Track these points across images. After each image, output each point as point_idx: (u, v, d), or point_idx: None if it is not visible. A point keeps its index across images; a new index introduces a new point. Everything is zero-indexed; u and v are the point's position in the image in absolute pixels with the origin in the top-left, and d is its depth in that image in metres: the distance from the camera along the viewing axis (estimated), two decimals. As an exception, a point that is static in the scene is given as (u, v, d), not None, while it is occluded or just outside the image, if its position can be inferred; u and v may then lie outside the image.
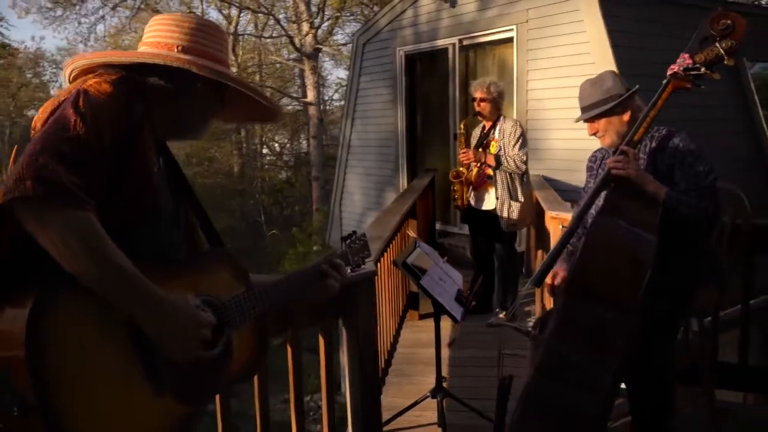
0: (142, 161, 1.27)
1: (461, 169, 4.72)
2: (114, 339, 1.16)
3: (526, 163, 4.47)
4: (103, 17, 19.18)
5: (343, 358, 2.34)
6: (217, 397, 1.91)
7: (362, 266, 1.82)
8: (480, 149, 4.59)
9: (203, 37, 1.42)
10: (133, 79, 1.30)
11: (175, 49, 1.37)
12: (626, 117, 2.41)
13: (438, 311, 2.85)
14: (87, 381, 1.10)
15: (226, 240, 1.47)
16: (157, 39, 1.40)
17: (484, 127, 4.69)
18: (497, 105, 4.56)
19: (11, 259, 1.15)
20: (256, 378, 2.00)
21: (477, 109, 4.60)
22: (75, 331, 1.11)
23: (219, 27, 1.53)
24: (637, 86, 2.48)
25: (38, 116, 1.26)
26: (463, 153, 4.61)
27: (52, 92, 24.13)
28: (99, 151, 1.17)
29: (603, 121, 2.43)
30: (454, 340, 2.72)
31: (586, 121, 2.48)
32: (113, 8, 18.42)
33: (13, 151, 1.26)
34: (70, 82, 1.37)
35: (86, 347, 1.11)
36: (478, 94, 4.53)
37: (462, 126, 4.92)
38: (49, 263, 1.09)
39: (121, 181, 1.22)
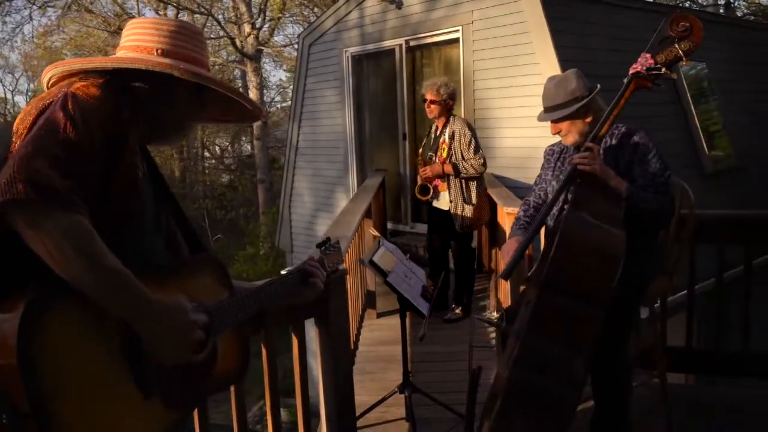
0: (129, 165, 1.27)
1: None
2: (105, 345, 1.15)
3: (485, 165, 4.49)
4: (30, 17, 18.40)
5: (316, 357, 2.35)
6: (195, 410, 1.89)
7: (336, 272, 1.87)
8: (434, 155, 4.64)
9: (183, 39, 1.41)
10: (119, 83, 1.30)
11: (155, 53, 1.36)
12: (588, 119, 2.51)
13: (404, 308, 2.90)
14: (80, 388, 1.10)
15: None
16: (136, 42, 1.39)
17: (436, 128, 4.74)
18: (447, 106, 4.60)
19: (0, 265, 1.12)
20: (232, 388, 1.99)
21: (427, 111, 4.64)
22: (67, 337, 1.09)
23: (198, 29, 1.54)
24: (599, 86, 2.58)
25: (21, 117, 1.25)
26: (422, 171, 4.62)
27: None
28: (90, 154, 1.17)
29: (566, 123, 2.52)
30: (424, 334, 2.77)
31: (550, 121, 2.57)
32: (41, 7, 17.69)
33: None
34: (47, 88, 1.35)
35: (78, 354, 1.10)
36: (428, 96, 4.55)
37: (420, 150, 4.88)
38: (39, 268, 1.08)
39: (108, 185, 1.22)
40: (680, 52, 2.27)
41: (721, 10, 15.22)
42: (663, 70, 2.30)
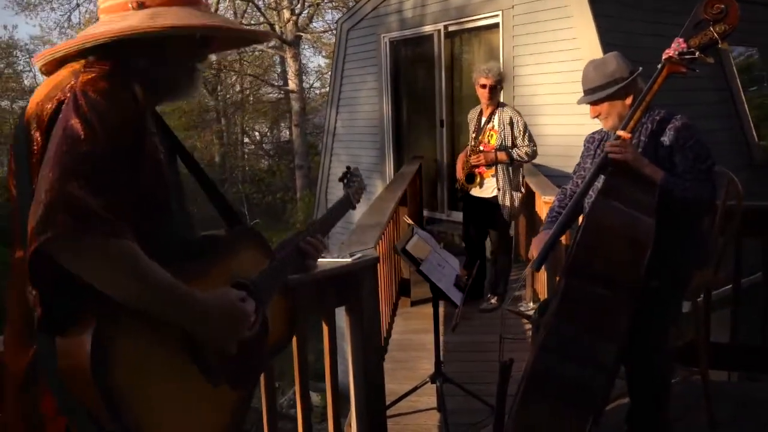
0: (151, 149, 1.23)
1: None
2: (169, 347, 1.17)
3: (536, 153, 4.45)
4: (78, 5, 18.81)
5: (347, 344, 2.34)
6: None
7: (357, 195, 1.88)
8: (478, 138, 4.56)
9: None
10: (123, 63, 1.21)
11: (130, 7, 1.22)
12: (628, 101, 2.43)
13: (437, 297, 2.87)
14: (155, 394, 1.12)
15: (210, 229, 1.45)
16: (109, 3, 1.25)
17: (481, 112, 4.65)
18: (499, 91, 4.52)
19: (58, 297, 1.09)
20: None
21: (481, 95, 4.50)
22: (135, 350, 1.10)
23: None
24: (640, 68, 2.49)
25: (37, 102, 1.19)
26: (476, 158, 4.50)
27: (25, 82, 23.64)
28: (117, 156, 1.12)
29: (605, 105, 2.44)
30: (457, 323, 2.74)
31: (588, 103, 2.49)
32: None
33: (10, 152, 1.22)
34: (44, 74, 1.29)
35: (149, 362, 1.12)
36: (483, 81, 4.43)
37: (473, 137, 4.69)
38: (94, 293, 1.07)
39: (136, 176, 1.17)
40: (715, 35, 2.18)
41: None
42: (697, 54, 2.21)
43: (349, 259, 2.19)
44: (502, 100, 4.66)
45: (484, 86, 4.44)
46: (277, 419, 2.11)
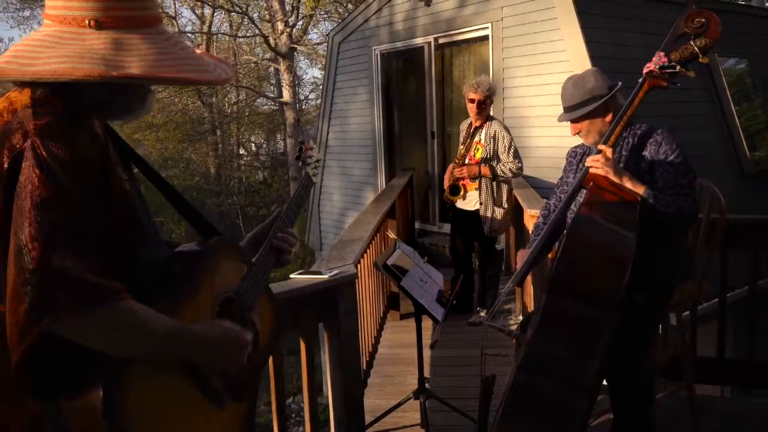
0: (117, 183, 1.19)
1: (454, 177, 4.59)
2: (173, 381, 1.18)
3: (521, 169, 4.44)
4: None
5: (326, 359, 2.31)
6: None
7: (315, 169, 1.81)
8: (465, 151, 4.55)
9: None
10: (76, 97, 1.11)
11: (87, 24, 1.10)
12: (608, 118, 2.42)
13: (419, 312, 2.84)
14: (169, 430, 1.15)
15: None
16: (62, 12, 1.12)
17: (469, 127, 4.65)
18: (488, 106, 4.52)
19: (62, 364, 1.07)
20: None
21: (470, 110, 4.50)
22: (144, 395, 1.11)
23: None
24: (620, 84, 2.48)
25: None
26: (459, 171, 4.48)
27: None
28: (88, 205, 1.07)
29: (585, 122, 2.44)
30: (437, 340, 2.71)
31: (568, 120, 2.49)
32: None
33: None
34: None
35: (157, 402, 1.13)
36: (472, 95, 4.43)
37: (461, 150, 4.68)
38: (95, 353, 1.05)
39: (109, 216, 1.14)
40: (696, 49, 2.18)
41: (767, 4, 14.68)
42: (678, 68, 2.21)
43: (326, 276, 2.17)
44: (491, 114, 4.65)
45: (472, 101, 4.44)
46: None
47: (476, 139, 4.53)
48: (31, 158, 1.03)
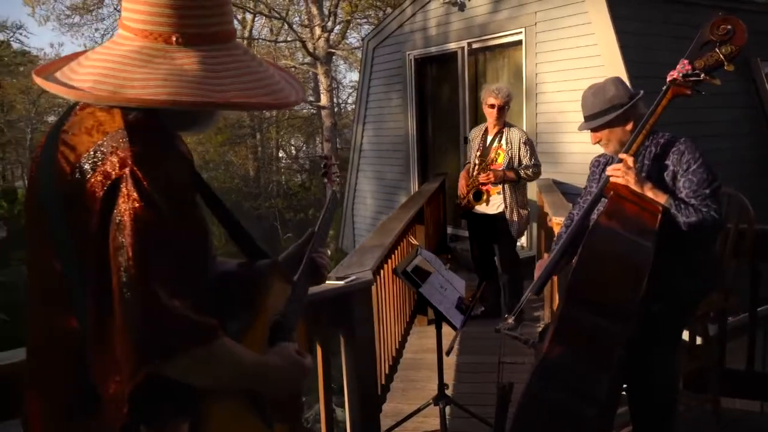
0: (199, 207, 1.16)
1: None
2: (241, 407, 1.19)
3: (540, 171, 4.53)
4: (116, 24, 19.38)
5: (343, 365, 2.35)
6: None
7: (334, 179, 1.82)
8: (484, 157, 4.56)
9: (199, 4, 1.08)
10: (165, 117, 1.09)
11: (174, 41, 1.07)
12: (629, 127, 2.40)
13: (439, 319, 2.85)
14: None
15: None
16: (146, 26, 1.07)
17: (486, 131, 4.65)
18: (506, 111, 4.54)
19: (156, 396, 1.07)
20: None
21: (490, 115, 4.53)
22: (222, 428, 1.14)
23: None
24: (641, 93, 2.45)
25: (67, 158, 1.04)
26: (485, 176, 4.48)
27: (71, 100, 24.40)
28: (186, 231, 1.06)
29: (605, 131, 2.42)
30: (451, 348, 2.72)
31: (588, 130, 2.47)
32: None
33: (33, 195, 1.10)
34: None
35: (234, 426, 1.17)
36: (492, 100, 4.46)
37: (478, 155, 4.68)
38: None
39: (195, 240, 1.11)
40: (721, 56, 2.14)
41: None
42: (702, 76, 2.18)
43: (342, 282, 2.20)
44: (511, 119, 4.67)
45: (492, 106, 4.47)
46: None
47: (496, 144, 4.54)
48: (132, 189, 0.98)
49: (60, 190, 1.04)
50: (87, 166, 1.02)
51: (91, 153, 1.02)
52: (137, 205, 0.97)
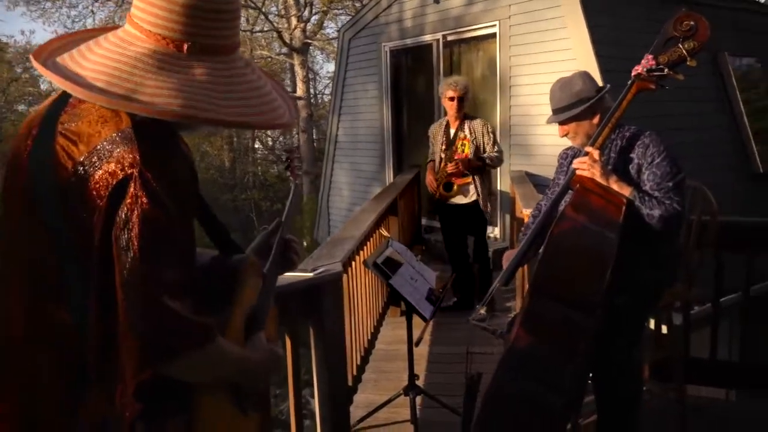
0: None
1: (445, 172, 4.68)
2: (222, 397, 1.22)
3: (502, 158, 4.67)
4: (92, 11, 19.01)
5: (312, 357, 2.36)
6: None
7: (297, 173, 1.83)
8: (448, 149, 4.61)
9: (214, 14, 1.08)
10: (169, 124, 1.08)
11: (185, 49, 1.06)
12: (595, 120, 2.44)
13: (410, 311, 2.87)
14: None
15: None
16: (156, 29, 1.06)
17: (447, 125, 4.71)
18: (465, 103, 4.61)
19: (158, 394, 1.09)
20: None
21: (450, 108, 4.60)
22: (209, 419, 1.16)
23: None
24: (608, 87, 2.49)
25: (64, 158, 1.02)
26: (451, 167, 4.55)
27: (42, 87, 23.90)
28: (189, 230, 1.09)
29: (573, 124, 2.46)
30: (421, 338, 2.74)
31: (556, 123, 2.50)
32: (102, 1, 18.24)
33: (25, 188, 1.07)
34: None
35: (216, 423, 1.19)
36: (451, 93, 4.53)
37: (443, 149, 4.77)
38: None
39: (192, 237, 1.14)
40: (684, 52, 2.18)
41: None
42: (666, 71, 2.21)
43: (311, 274, 2.21)
44: (469, 111, 4.78)
45: (452, 98, 4.54)
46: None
47: (461, 135, 4.62)
48: (141, 189, 0.98)
49: (58, 184, 1.02)
50: (91, 163, 1.00)
51: (98, 149, 1.01)
52: (146, 206, 0.97)
